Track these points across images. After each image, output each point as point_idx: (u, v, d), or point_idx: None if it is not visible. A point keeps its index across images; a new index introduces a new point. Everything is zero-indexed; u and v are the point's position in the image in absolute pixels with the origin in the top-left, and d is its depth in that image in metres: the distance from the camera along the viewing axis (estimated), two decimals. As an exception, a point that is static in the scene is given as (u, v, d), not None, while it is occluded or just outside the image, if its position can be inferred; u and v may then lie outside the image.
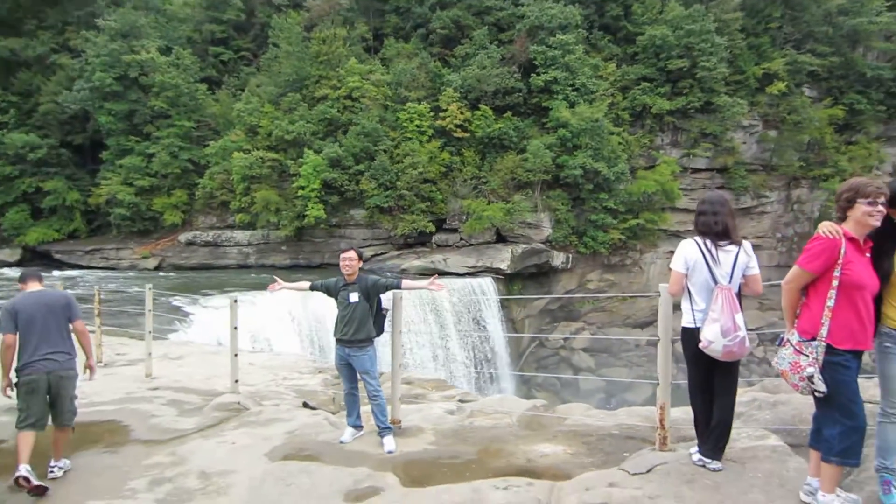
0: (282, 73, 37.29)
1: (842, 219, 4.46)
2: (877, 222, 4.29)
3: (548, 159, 32.85)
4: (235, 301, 8.42)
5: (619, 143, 34.83)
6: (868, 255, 4.40)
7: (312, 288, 7.01)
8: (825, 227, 4.38)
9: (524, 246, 32.57)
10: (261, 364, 12.17)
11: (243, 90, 38.95)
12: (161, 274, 32.52)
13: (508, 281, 32.28)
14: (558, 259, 33.54)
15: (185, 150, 36.88)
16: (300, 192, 32.94)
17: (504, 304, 31.28)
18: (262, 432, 7.12)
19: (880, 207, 4.28)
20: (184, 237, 35.78)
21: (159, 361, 11.36)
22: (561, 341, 33.68)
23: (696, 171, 38.30)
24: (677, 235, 35.85)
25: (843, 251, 4.30)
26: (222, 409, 8.12)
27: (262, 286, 23.27)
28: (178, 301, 20.13)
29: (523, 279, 33.37)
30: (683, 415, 6.64)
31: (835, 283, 4.31)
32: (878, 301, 4.45)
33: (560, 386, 31.74)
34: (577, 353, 33.34)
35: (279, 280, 7.10)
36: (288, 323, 19.97)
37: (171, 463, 6.38)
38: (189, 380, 10.14)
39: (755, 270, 5.18)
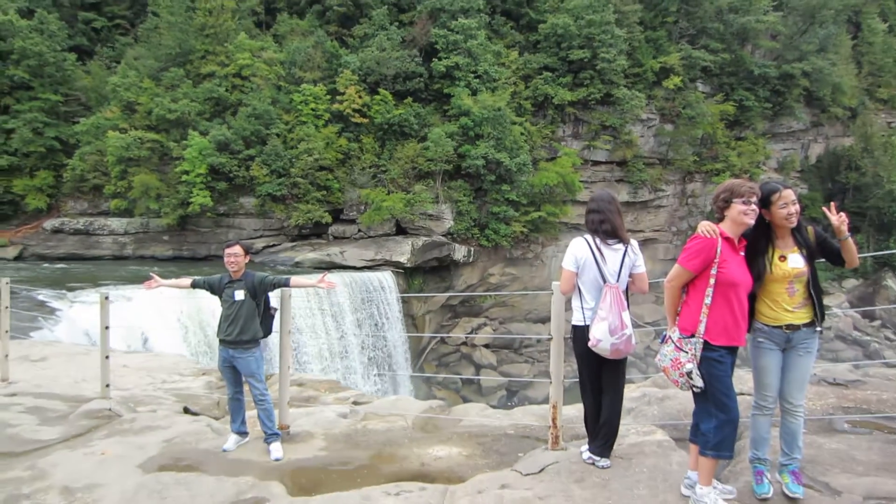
0: (163, 45, 35.73)
1: (720, 219, 4.83)
2: (751, 220, 4.68)
3: (449, 148, 33.18)
4: (107, 298, 8.07)
5: (522, 134, 35.63)
6: (742, 253, 4.80)
7: (194, 285, 6.87)
8: (704, 227, 4.73)
9: (425, 238, 32.81)
10: (137, 366, 11.71)
11: (119, 62, 37.04)
12: (23, 265, 30.49)
13: (409, 275, 32.44)
14: (460, 252, 34.03)
15: (51, 127, 34.73)
16: (184, 178, 31.75)
17: (404, 300, 31.42)
18: (135, 441, 6.89)
19: (753, 206, 4.66)
20: (49, 224, 33.71)
21: (19, 363, 10.70)
22: (462, 337, 34.22)
23: (596, 163, 39.80)
24: (577, 228, 37.13)
25: (719, 250, 4.66)
26: (91, 416, 7.79)
27: (140, 280, 22.27)
28: (42, 295, 18.95)
29: (424, 273, 33.62)
30: (577, 413, 6.96)
31: (711, 280, 4.66)
32: (752, 298, 4.85)
33: (461, 385, 32.28)
34: (479, 349, 34.00)
35: (157, 277, 6.89)
36: (168, 320, 19.27)
37: (30, 478, 6.06)
38: (53, 384, 9.63)
39: (641, 269, 5.50)
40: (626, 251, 5.40)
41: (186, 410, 8.62)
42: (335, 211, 34.13)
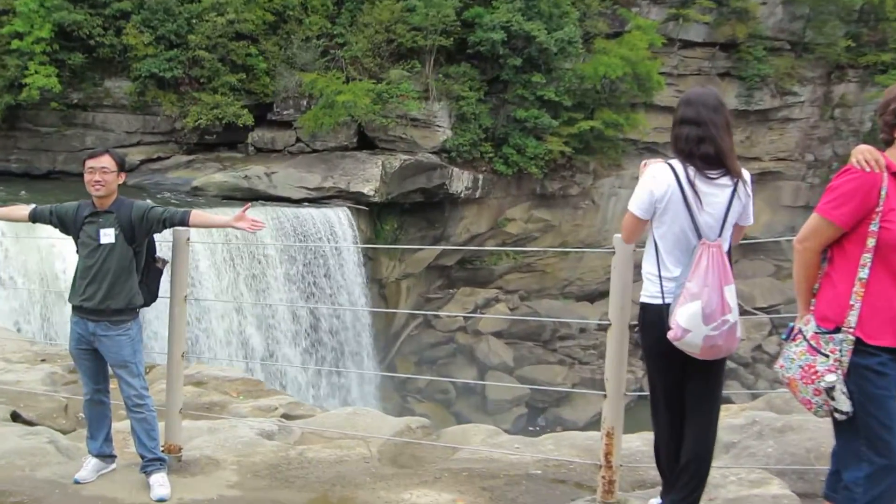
0: None
1: (888, 142, 4.77)
2: None
3: (449, 11, 32.86)
4: None
5: (568, -7, 35.36)
6: None
7: (35, 217, 6.92)
8: (861, 155, 4.64)
9: (405, 157, 32.67)
10: (-65, 346, 11.78)
11: None
12: None
13: (377, 215, 32.40)
14: (460, 182, 33.93)
15: None
16: (14, 45, 31.40)
17: (369, 255, 31.37)
18: (-66, 465, 6.96)
19: None
20: None
21: None
22: (460, 320, 34.35)
23: (688, 45, 39.50)
24: (655, 150, 37.03)
25: (884, 192, 4.58)
26: None
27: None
28: None
29: (402, 213, 33.57)
30: (645, 445, 7.03)
31: (870, 242, 4.60)
32: None
33: (455, 394, 32.52)
34: (486, 339, 34.18)
35: (-28, 202, 6.91)
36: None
37: None
38: None
39: (750, 220, 5.50)
40: (735, 190, 5.37)
41: (16, 417, 8.65)
42: (259, 108, 33.87)
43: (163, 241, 7.17)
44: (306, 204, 30.79)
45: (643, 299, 5.54)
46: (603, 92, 36.08)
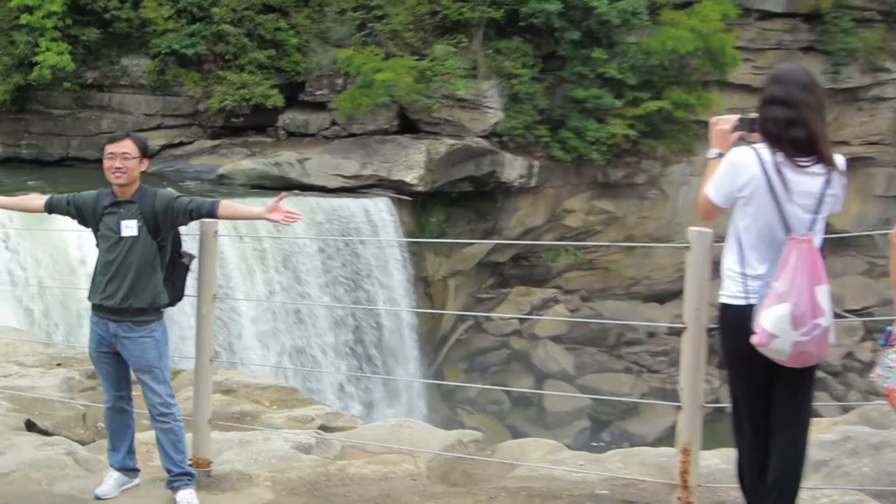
0: None
1: None
2: None
3: (501, -20, 32.91)
4: None
5: (633, -40, 35.16)
6: None
7: (51, 207, 6.97)
8: None
9: (451, 142, 32.65)
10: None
11: None
12: None
13: (421, 207, 32.49)
14: (514, 169, 33.88)
15: None
16: (23, 19, 31.80)
17: (412, 251, 31.40)
18: (-56, 477, 7.07)
19: None
20: None
21: None
22: (514, 323, 34.31)
23: (766, 16, 39.06)
24: (732, 134, 36.69)
25: None
26: None
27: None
28: None
29: (448, 204, 33.62)
30: (725, 463, 7.01)
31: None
32: None
33: (509, 405, 32.48)
34: (544, 344, 34.08)
35: (-17, 192, 6.99)
36: (2, 270, 19.62)
37: None
38: None
39: (838, 207, 5.44)
40: (828, 179, 5.33)
41: (31, 426, 8.75)
42: (290, 87, 34.00)
43: (187, 235, 7.22)
44: (343, 194, 30.84)
45: (723, 299, 5.50)
46: (671, 69, 35.86)
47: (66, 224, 7.40)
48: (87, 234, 7.08)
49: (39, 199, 7.02)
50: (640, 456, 7.91)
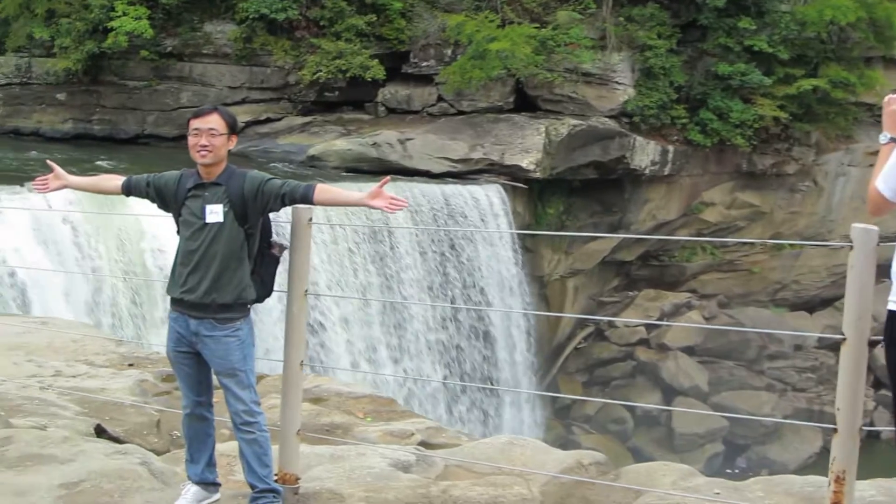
0: None
1: None
2: None
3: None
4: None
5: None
6: None
7: (129, 188, 7.01)
8: None
9: (574, 122, 32.56)
10: (8, 341, 12.16)
11: None
12: None
13: (538, 196, 32.49)
14: (645, 154, 33.72)
15: None
16: (98, -17, 32.47)
17: (527, 246, 31.38)
18: (11, 482, 7.20)
19: None
20: None
21: None
22: (641, 331, 34.11)
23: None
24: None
25: None
26: (-74, 430, 8.17)
27: (17, 178, 22.89)
28: None
29: (569, 194, 33.57)
30: (880, 494, 6.93)
31: None
32: None
33: (632, 424, 32.32)
34: (674, 356, 33.88)
35: (57, 168, 7.08)
36: (67, 257, 19.96)
37: None
38: None
39: None
40: None
41: (101, 432, 8.91)
42: (392, 58, 34.22)
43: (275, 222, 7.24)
44: (448, 179, 30.93)
45: (892, 306, 5.42)
46: (829, 42, 35.43)
47: (143, 208, 7.48)
48: (165, 220, 7.15)
49: (116, 180, 7.05)
50: (784, 485, 7.78)
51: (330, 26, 33.14)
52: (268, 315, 18.53)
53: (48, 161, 7.42)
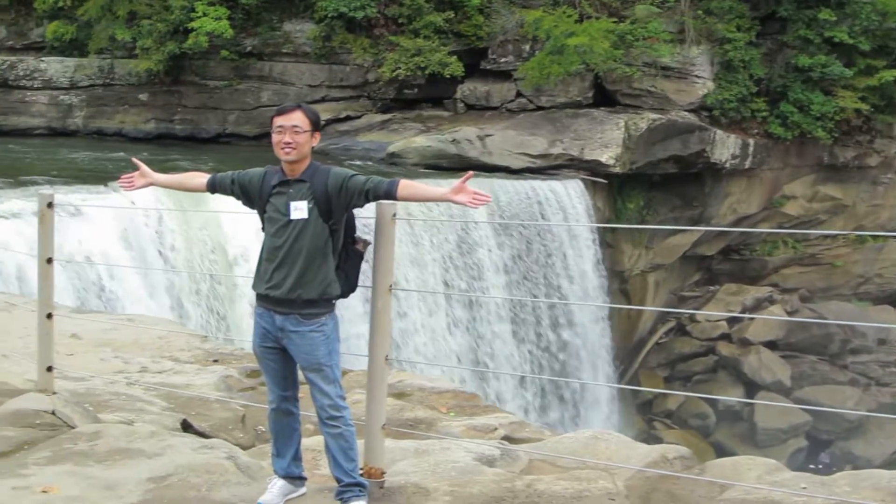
0: None
1: None
2: None
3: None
4: (50, 205, 8.50)
5: None
6: None
7: (213, 186, 7.06)
8: None
9: (654, 116, 32.38)
10: (95, 338, 12.31)
11: None
12: None
13: (618, 190, 32.39)
14: (725, 148, 33.42)
15: None
16: (179, -15, 32.78)
17: (607, 241, 31.24)
18: (100, 476, 7.27)
19: None
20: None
21: None
22: (722, 325, 33.87)
23: None
24: None
25: None
26: (22, 422, 8.26)
27: (104, 177, 23.15)
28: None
29: (649, 188, 33.46)
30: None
31: None
32: None
33: (714, 419, 32.09)
34: (756, 350, 33.59)
35: (143, 166, 7.14)
36: (151, 254, 20.22)
37: None
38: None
39: None
40: None
41: (187, 427, 9.03)
42: (471, 54, 34.21)
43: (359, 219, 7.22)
44: (528, 175, 30.83)
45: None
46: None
47: (226, 205, 7.53)
48: (248, 217, 7.21)
49: (201, 178, 7.09)
50: (871, 480, 7.65)
51: (408, 24, 33.22)
52: (351, 311, 18.74)
53: (134, 159, 7.47)
